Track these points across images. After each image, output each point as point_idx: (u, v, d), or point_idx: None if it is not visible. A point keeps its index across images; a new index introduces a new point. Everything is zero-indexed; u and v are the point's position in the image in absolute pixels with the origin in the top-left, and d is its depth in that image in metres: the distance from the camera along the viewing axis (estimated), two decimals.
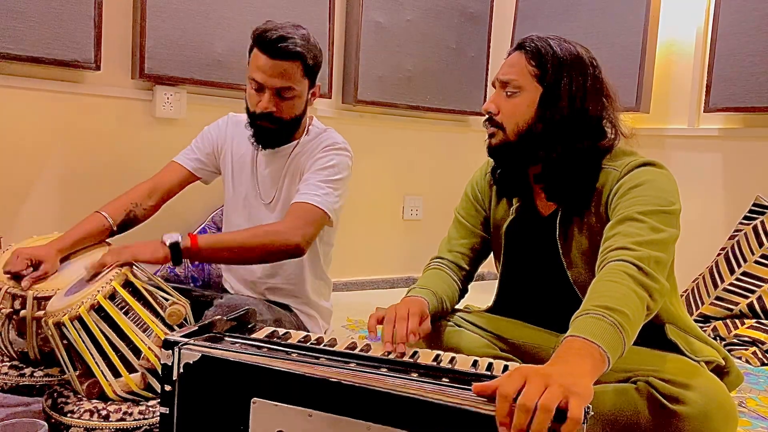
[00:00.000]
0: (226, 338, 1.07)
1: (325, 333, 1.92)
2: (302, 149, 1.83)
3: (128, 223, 1.79)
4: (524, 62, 1.35)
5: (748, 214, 2.60)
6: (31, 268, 1.52)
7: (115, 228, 1.76)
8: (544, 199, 1.43)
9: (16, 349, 1.52)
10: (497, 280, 1.58)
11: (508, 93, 1.36)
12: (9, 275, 1.50)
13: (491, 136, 1.40)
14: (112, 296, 1.35)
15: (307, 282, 1.89)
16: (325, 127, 1.88)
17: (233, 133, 1.91)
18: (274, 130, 1.76)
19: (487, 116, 1.40)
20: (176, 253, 1.52)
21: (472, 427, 0.84)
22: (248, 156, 1.88)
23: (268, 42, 1.66)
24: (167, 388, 1.01)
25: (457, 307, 1.53)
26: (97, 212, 1.75)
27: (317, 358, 1.00)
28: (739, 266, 2.51)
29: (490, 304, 1.59)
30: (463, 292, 1.54)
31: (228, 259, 1.79)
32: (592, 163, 1.35)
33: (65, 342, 1.34)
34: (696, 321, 2.51)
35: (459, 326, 1.47)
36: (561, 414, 0.81)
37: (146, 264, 1.52)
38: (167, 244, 1.52)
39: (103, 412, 1.27)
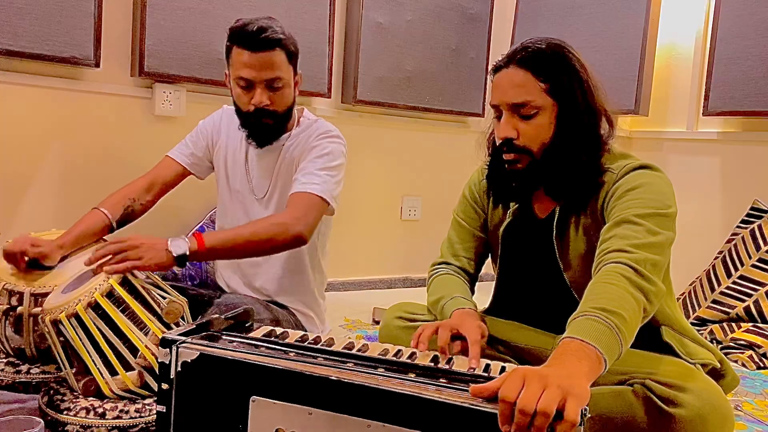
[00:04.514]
0: (224, 337, 1.07)
1: (322, 333, 1.92)
2: (295, 141, 1.83)
3: (126, 219, 1.81)
4: (532, 80, 1.30)
5: (746, 218, 2.61)
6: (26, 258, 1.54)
7: (114, 225, 1.76)
8: (541, 201, 1.43)
9: (12, 345, 1.52)
10: (494, 282, 1.58)
11: (525, 115, 1.31)
12: (7, 253, 1.53)
13: (515, 162, 1.34)
14: (109, 294, 1.35)
15: (306, 275, 1.90)
16: (316, 118, 1.89)
17: (228, 127, 1.91)
18: (272, 125, 1.76)
19: (503, 142, 1.33)
20: (182, 259, 1.51)
21: (473, 425, 0.85)
22: (241, 151, 1.88)
23: (249, 36, 1.66)
24: (164, 386, 1.01)
25: None
26: (96, 209, 1.76)
27: (315, 357, 1.00)
28: (736, 270, 2.51)
29: (487, 305, 1.59)
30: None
31: (234, 256, 1.78)
32: (597, 158, 1.34)
33: (62, 339, 1.34)
34: (692, 324, 2.51)
35: None
36: (559, 414, 0.81)
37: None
38: (174, 255, 1.49)
39: (100, 410, 1.27)
